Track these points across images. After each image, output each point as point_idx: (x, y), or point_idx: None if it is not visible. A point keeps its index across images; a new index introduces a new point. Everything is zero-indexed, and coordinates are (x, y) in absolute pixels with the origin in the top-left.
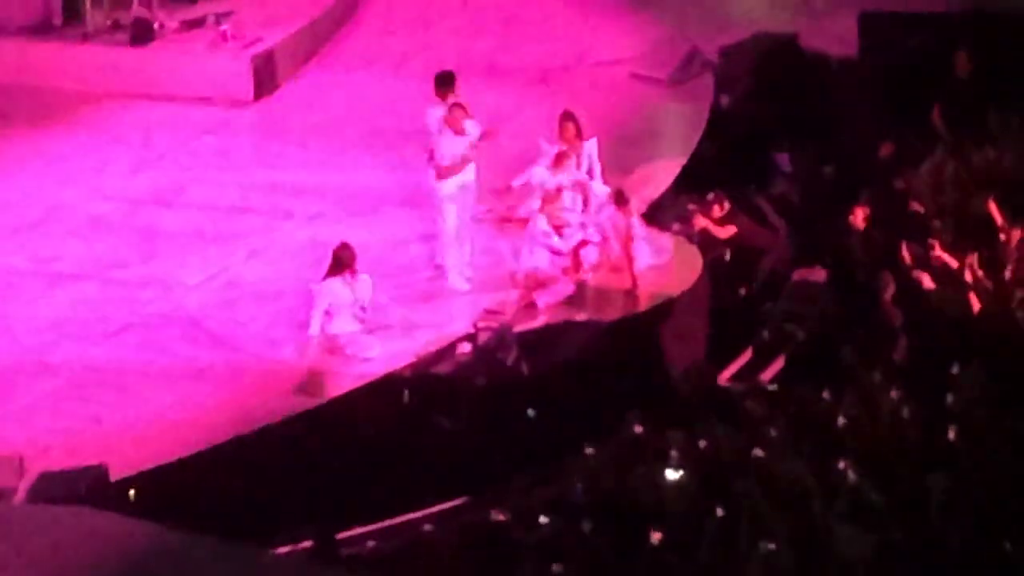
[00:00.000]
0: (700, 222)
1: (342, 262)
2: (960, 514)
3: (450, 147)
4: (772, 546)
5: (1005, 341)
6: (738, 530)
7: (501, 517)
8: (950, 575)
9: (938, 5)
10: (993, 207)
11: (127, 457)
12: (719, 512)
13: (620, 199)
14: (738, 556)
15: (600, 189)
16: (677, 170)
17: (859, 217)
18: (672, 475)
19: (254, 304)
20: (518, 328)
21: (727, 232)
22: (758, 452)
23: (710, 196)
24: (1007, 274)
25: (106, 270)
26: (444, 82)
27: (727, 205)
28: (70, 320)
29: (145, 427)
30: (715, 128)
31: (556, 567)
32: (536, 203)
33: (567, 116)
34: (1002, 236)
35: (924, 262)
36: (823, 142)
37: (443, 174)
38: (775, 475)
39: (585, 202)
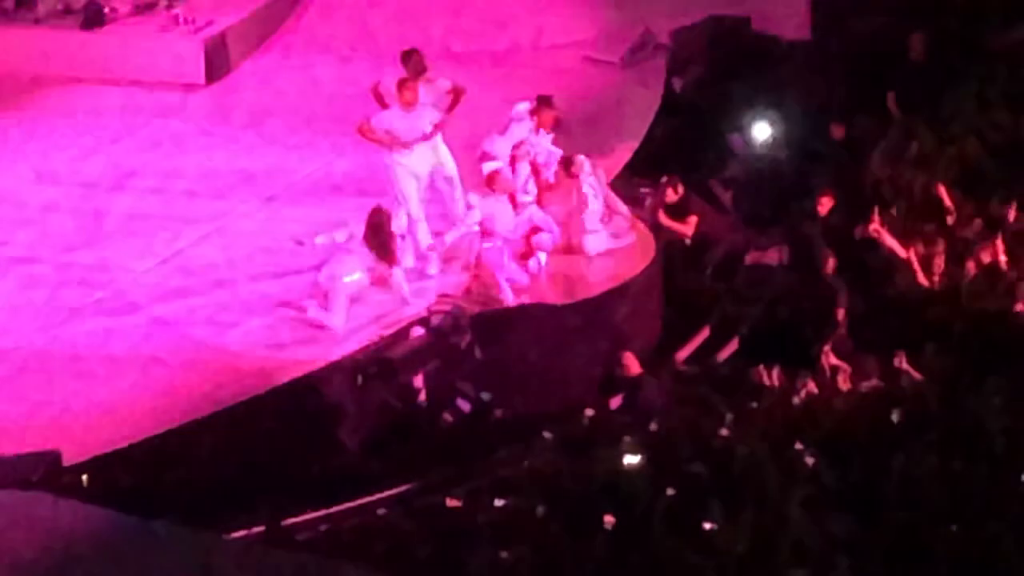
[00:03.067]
0: (654, 207)
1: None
2: (918, 496)
3: (393, 121)
4: (727, 529)
5: (958, 321)
6: (693, 513)
7: (455, 501)
8: (908, 557)
9: None
10: (943, 190)
11: (80, 442)
12: (673, 495)
13: (569, 167)
14: (693, 539)
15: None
16: (630, 153)
17: (812, 200)
18: (626, 459)
19: (206, 288)
20: (471, 312)
21: (687, 224)
22: (713, 434)
23: (663, 180)
24: (959, 255)
25: (58, 254)
26: (405, 59)
27: (680, 189)
28: (22, 304)
29: (98, 412)
30: (668, 111)
31: (509, 550)
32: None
33: (546, 101)
34: (953, 218)
35: (877, 244)
36: (776, 125)
37: (392, 147)
38: (731, 458)
39: (537, 176)
